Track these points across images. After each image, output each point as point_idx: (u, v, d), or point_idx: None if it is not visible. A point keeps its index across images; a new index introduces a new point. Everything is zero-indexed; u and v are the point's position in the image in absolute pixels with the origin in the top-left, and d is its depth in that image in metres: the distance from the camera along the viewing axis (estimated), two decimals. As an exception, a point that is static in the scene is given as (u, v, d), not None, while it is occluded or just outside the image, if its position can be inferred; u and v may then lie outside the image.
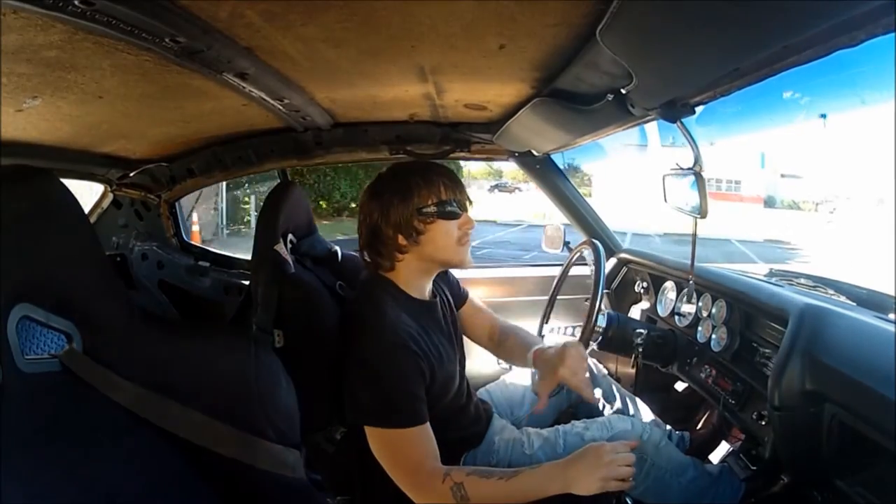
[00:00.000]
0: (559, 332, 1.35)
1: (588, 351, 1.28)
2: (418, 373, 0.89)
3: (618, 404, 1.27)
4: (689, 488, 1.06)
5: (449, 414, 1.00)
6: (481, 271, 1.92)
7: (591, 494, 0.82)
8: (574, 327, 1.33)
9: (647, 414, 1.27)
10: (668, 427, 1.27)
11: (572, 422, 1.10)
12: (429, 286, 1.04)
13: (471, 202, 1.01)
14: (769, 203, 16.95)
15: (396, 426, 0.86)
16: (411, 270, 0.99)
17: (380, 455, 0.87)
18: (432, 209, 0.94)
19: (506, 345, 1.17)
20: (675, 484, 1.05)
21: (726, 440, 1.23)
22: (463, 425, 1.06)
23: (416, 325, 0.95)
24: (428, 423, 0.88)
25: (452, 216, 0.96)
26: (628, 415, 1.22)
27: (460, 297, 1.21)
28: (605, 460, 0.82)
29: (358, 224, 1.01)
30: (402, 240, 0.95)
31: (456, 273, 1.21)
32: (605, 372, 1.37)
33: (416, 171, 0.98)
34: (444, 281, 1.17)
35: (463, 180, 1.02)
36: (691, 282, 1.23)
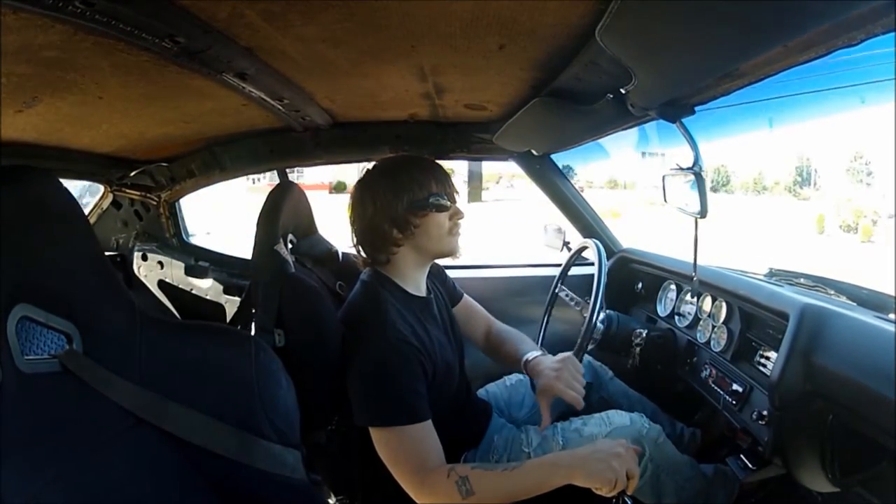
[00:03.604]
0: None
1: (588, 349, 1.28)
2: (419, 369, 0.90)
3: (622, 403, 1.27)
4: (685, 488, 1.06)
5: (449, 412, 1.00)
6: (481, 271, 1.91)
7: (594, 488, 0.80)
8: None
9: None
10: (680, 424, 1.26)
11: (570, 418, 1.10)
12: (423, 281, 1.05)
13: (458, 193, 1.03)
14: (338, 188, 18.07)
15: (398, 424, 0.86)
16: (406, 263, 1.00)
17: (383, 454, 0.87)
18: (425, 203, 0.96)
19: (500, 350, 1.18)
20: (671, 482, 1.05)
21: (735, 441, 1.22)
22: (463, 424, 1.06)
23: (415, 321, 0.95)
24: (430, 421, 0.88)
25: (443, 208, 0.98)
26: (627, 410, 1.22)
27: (455, 297, 1.21)
28: (623, 450, 0.80)
29: (350, 219, 1.01)
30: (397, 233, 0.96)
31: (457, 271, 1.21)
32: (612, 374, 1.37)
33: (406, 165, 1.00)
34: (440, 280, 1.17)
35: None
36: (695, 280, 1.21)
